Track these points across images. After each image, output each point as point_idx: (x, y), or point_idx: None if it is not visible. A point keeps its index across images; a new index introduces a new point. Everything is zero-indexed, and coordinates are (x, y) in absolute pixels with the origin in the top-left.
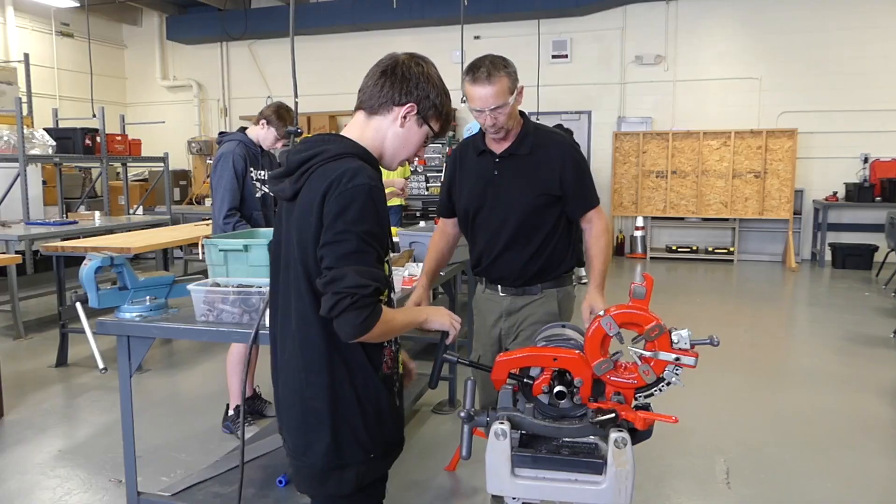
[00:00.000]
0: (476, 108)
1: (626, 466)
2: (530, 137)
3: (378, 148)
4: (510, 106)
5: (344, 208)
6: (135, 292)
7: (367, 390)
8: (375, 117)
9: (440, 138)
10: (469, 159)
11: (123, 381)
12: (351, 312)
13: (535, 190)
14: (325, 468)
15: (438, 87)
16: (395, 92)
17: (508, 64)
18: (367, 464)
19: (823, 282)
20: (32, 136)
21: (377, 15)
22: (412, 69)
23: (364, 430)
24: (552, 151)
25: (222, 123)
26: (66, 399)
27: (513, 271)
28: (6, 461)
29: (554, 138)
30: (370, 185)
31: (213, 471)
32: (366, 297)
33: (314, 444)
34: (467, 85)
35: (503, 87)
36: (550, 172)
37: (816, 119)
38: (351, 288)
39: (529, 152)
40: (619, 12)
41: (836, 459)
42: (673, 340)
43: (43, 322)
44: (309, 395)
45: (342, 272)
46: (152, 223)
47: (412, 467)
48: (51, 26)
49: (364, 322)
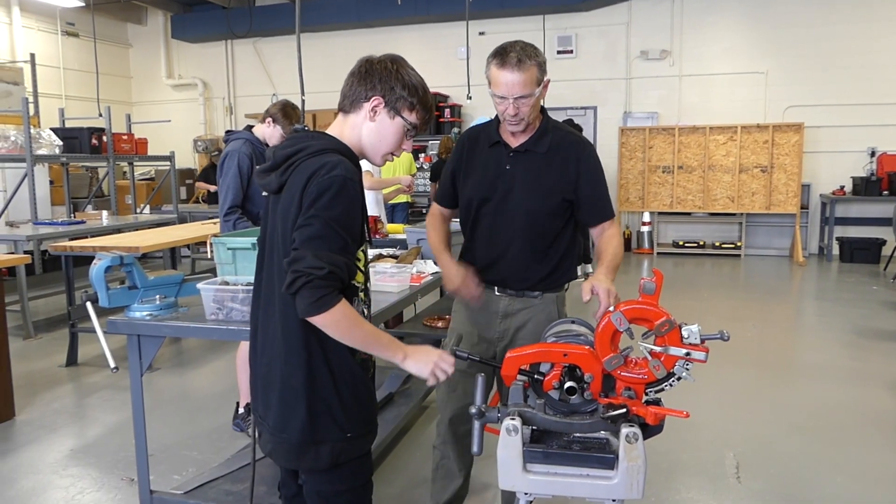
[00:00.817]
0: (499, 93)
1: (638, 461)
2: (549, 135)
3: (357, 144)
4: (535, 97)
5: (318, 196)
6: (144, 291)
7: (342, 372)
8: (350, 115)
9: (423, 130)
10: (480, 148)
11: (134, 380)
12: (305, 291)
13: (548, 191)
14: (302, 442)
15: (406, 81)
16: (361, 88)
17: (539, 53)
18: (343, 442)
19: (831, 276)
20: (39, 136)
21: (382, 11)
22: (376, 66)
23: (341, 409)
24: (570, 153)
25: (228, 122)
26: (76, 398)
27: (515, 274)
28: (19, 461)
29: (572, 139)
30: (345, 177)
31: (224, 468)
32: (320, 278)
33: (291, 419)
34: (494, 68)
35: (532, 76)
36: (566, 175)
37: (823, 113)
38: (307, 268)
39: (546, 151)
40: (624, 7)
41: (845, 453)
42: (683, 336)
43: (52, 322)
44: (287, 374)
45: (302, 253)
46: (159, 222)
47: (422, 464)
48: (56, 26)
49: (317, 302)
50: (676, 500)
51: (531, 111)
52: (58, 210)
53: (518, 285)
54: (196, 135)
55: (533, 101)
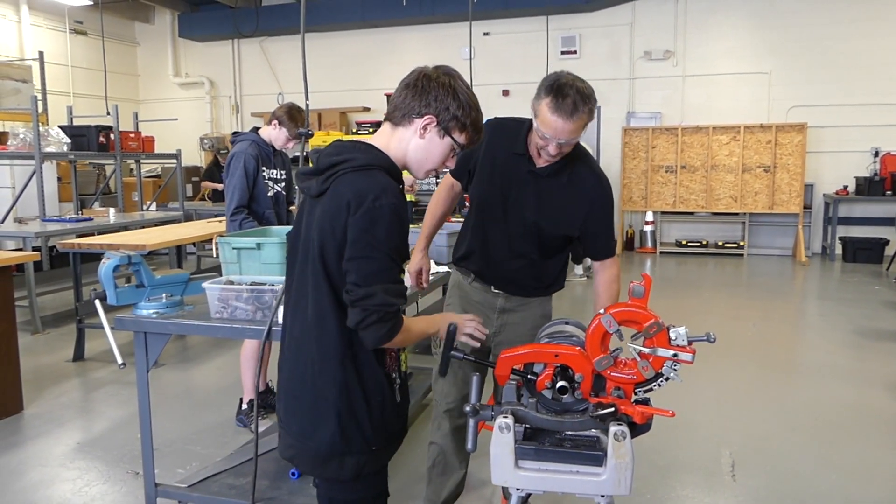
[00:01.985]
0: (547, 134)
1: (626, 459)
2: (576, 165)
3: (402, 158)
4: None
5: (370, 226)
6: (151, 290)
7: (374, 386)
8: (399, 128)
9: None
10: (502, 148)
11: (141, 376)
12: (378, 325)
13: (557, 221)
14: (329, 453)
15: (461, 101)
16: (415, 103)
17: (592, 98)
18: (367, 454)
19: (834, 276)
20: (48, 133)
21: (387, 12)
22: (433, 82)
23: (369, 423)
24: (588, 192)
25: (234, 120)
26: (83, 393)
27: (512, 283)
28: (27, 454)
29: (593, 179)
30: (395, 204)
31: (227, 463)
32: (392, 313)
33: (320, 429)
34: (545, 108)
35: (583, 123)
36: (577, 212)
37: (827, 113)
38: (380, 306)
39: (567, 182)
40: (628, 8)
41: (842, 452)
42: (671, 337)
43: (59, 317)
44: (321, 384)
45: (371, 290)
46: (165, 219)
47: (422, 460)
48: (65, 24)
49: (388, 333)
50: (671, 497)
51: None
52: (65, 207)
53: (514, 291)
54: (202, 133)
55: (574, 143)
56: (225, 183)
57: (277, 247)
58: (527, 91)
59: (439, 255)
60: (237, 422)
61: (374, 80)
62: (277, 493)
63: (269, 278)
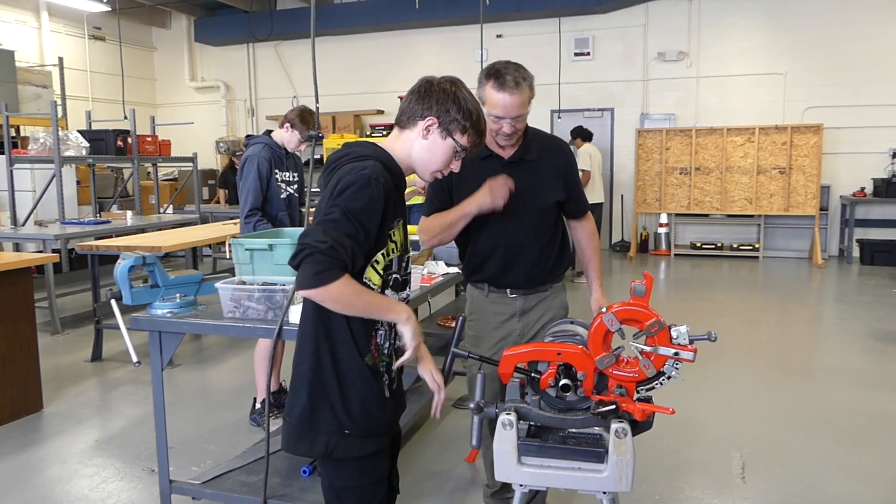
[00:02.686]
0: (497, 114)
1: (627, 455)
2: (535, 143)
3: (406, 159)
4: (526, 114)
5: (343, 189)
6: (166, 290)
7: (349, 368)
8: (405, 131)
9: (473, 152)
10: (470, 163)
11: (155, 374)
12: (307, 263)
13: (548, 194)
14: (300, 428)
15: (461, 105)
16: (418, 107)
17: (529, 74)
18: (338, 436)
19: (851, 278)
20: (67, 137)
21: (400, 15)
22: (435, 87)
23: (341, 403)
24: (557, 156)
25: (249, 123)
26: (101, 392)
27: (528, 274)
28: (46, 451)
29: (555, 142)
30: (370, 176)
31: (240, 461)
32: (321, 252)
33: (296, 405)
34: (490, 90)
35: (527, 96)
36: (557, 177)
37: (843, 114)
38: (312, 241)
39: (537, 158)
40: (641, 9)
41: (854, 456)
42: (672, 336)
43: (78, 318)
44: (298, 360)
45: (312, 229)
46: (182, 222)
47: (433, 459)
48: (84, 30)
49: (316, 276)
50: (680, 498)
51: (522, 127)
52: (84, 210)
53: (530, 283)
54: (218, 136)
55: (525, 118)
56: (238, 186)
57: (289, 248)
58: (540, 93)
59: (450, 257)
60: (251, 421)
61: (388, 83)
62: (289, 490)
63: (281, 279)
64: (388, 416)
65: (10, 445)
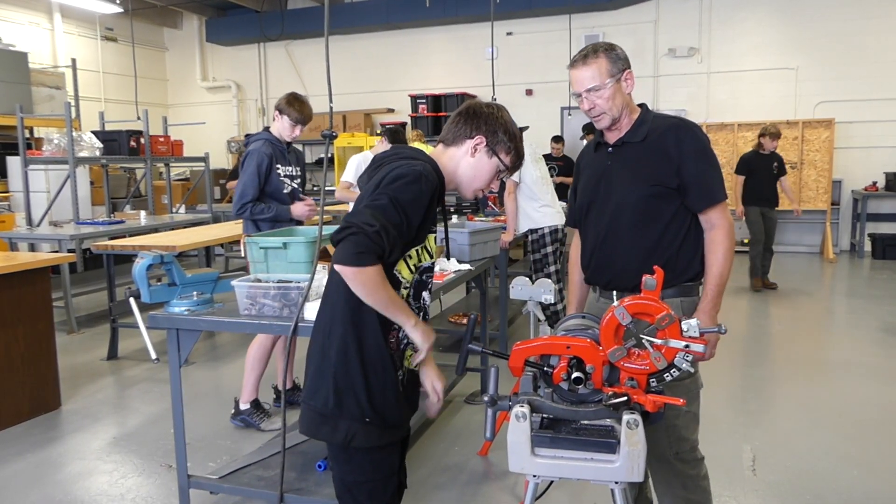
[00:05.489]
0: (574, 91)
1: (638, 446)
2: (646, 125)
3: (451, 174)
4: (608, 89)
5: (393, 179)
6: (183, 288)
7: (374, 356)
8: (451, 148)
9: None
10: (587, 155)
11: (173, 371)
12: (350, 240)
13: (647, 180)
14: (323, 414)
15: (506, 128)
16: (467, 127)
17: (612, 47)
18: (359, 423)
19: (862, 273)
20: (81, 138)
21: (411, 13)
22: (483, 110)
23: (365, 393)
24: (668, 136)
25: (260, 123)
26: (117, 390)
27: (624, 272)
28: (66, 447)
29: (670, 122)
30: (422, 172)
31: (256, 456)
32: (367, 234)
33: (320, 389)
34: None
35: (599, 68)
36: (666, 160)
37: (855, 108)
38: (361, 222)
39: (643, 139)
40: (651, 5)
41: (865, 449)
42: (682, 329)
43: (94, 317)
44: (327, 345)
45: (361, 210)
46: (194, 221)
47: (446, 453)
48: (96, 32)
49: (357, 255)
50: None
51: (608, 103)
52: (98, 210)
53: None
54: (230, 136)
55: (607, 94)
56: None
57: (303, 246)
58: (550, 91)
59: (461, 254)
60: (237, 422)
61: (399, 82)
62: (304, 485)
63: (295, 276)
64: (402, 412)
65: (30, 442)
